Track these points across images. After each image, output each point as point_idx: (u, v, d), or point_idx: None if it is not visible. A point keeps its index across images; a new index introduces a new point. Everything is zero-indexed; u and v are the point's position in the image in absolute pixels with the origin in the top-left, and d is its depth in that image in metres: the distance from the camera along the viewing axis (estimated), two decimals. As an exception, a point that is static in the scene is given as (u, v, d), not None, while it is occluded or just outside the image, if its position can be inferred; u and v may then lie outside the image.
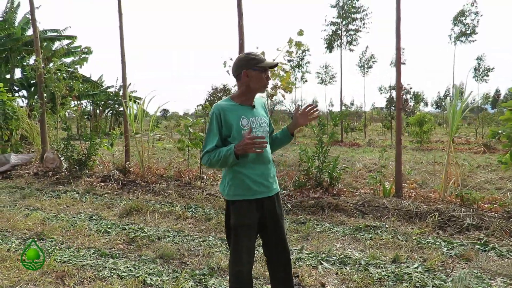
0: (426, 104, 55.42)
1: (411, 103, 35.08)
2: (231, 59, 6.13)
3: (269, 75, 2.27)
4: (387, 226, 4.51)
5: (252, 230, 2.20)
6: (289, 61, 27.72)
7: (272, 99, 6.84)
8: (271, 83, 6.71)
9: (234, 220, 2.19)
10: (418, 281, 3.06)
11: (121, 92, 28.86)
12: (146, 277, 3.11)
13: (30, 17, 15.69)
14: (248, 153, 2.14)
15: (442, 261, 3.51)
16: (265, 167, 2.22)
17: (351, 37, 23.96)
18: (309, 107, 2.28)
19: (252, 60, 2.14)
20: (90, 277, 3.13)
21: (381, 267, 3.36)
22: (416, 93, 36.00)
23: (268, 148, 2.29)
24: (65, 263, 3.43)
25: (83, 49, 16.73)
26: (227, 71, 6.18)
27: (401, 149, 5.36)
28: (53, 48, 17.50)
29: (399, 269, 3.31)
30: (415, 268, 3.34)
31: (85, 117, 30.68)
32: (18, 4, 16.60)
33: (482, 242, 3.94)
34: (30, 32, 17.16)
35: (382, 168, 5.89)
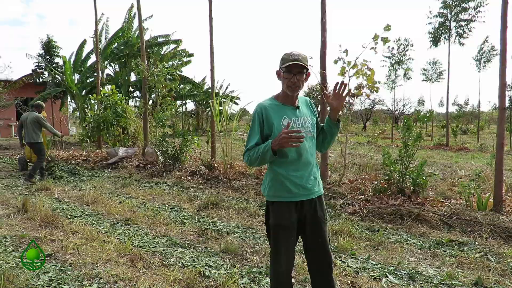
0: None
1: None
2: (311, 57, 6.02)
3: (297, 78, 2.08)
4: (476, 243, 3.94)
5: (291, 232, 2.16)
6: (388, 57, 26.14)
7: (353, 100, 6.52)
8: (355, 82, 6.39)
9: (273, 220, 2.17)
10: (500, 311, 2.62)
11: (221, 92, 30.76)
12: (206, 269, 3.26)
13: (143, 26, 17.65)
14: (288, 155, 2.12)
15: (541, 292, 2.93)
16: (306, 169, 2.16)
17: (461, 28, 21.40)
18: (337, 86, 2.14)
19: (281, 61, 2.13)
20: (157, 262, 3.40)
21: (457, 289, 2.96)
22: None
23: (312, 150, 2.21)
24: (140, 247, 3.80)
25: (187, 53, 18.24)
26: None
27: (503, 155, 4.61)
28: (162, 53, 19.46)
29: (480, 294, 2.87)
30: (501, 295, 2.86)
31: (190, 115, 33.55)
32: (135, 14, 18.84)
33: None
34: (145, 38, 19.39)
35: (477, 177, 5.14)
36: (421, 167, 5.20)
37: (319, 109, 8.24)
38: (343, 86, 2.14)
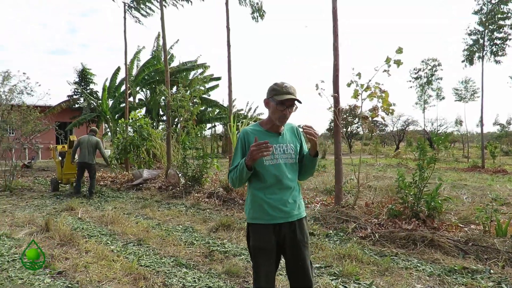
0: None
1: None
2: (322, 81, 6.09)
3: (289, 110, 2.16)
4: (491, 271, 3.74)
5: (270, 254, 2.19)
6: (416, 78, 25.65)
7: (367, 122, 6.46)
8: (370, 104, 6.36)
9: (253, 242, 2.23)
10: None
11: (249, 115, 31.19)
12: (205, 290, 3.31)
13: (172, 52, 18.45)
14: (266, 179, 2.17)
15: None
16: (284, 193, 2.19)
17: (496, 47, 20.75)
18: (305, 129, 2.11)
19: (272, 91, 2.19)
20: (159, 282, 3.48)
21: (461, 319, 2.82)
22: None
23: (292, 176, 2.24)
24: (146, 267, 3.90)
25: (208, 77, 18.80)
26: (319, 93, 6.14)
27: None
28: (190, 77, 20.21)
29: (485, 325, 2.72)
30: (508, 327, 2.70)
31: (219, 138, 34.16)
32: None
33: None
34: (173, 64, 20.24)
35: (494, 201, 4.89)
36: (436, 191, 5.04)
37: (324, 131, 8.11)
38: (307, 129, 2.10)
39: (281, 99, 2.12)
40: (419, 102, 28.73)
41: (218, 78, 20.74)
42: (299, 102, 2.17)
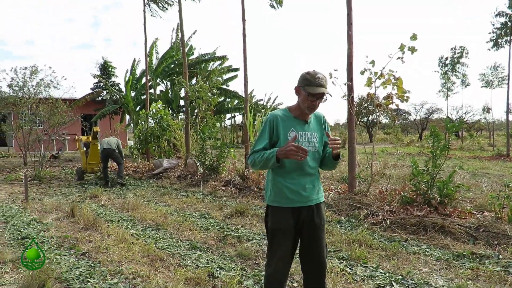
0: None
1: None
2: (336, 70, 6.11)
3: (318, 101, 2.20)
4: (500, 256, 3.76)
5: (288, 236, 2.26)
6: (444, 65, 24.91)
7: (380, 109, 6.45)
8: (384, 91, 6.35)
9: (271, 224, 2.30)
10: (501, 324, 2.54)
11: (269, 105, 31.22)
12: (216, 270, 3.49)
13: (191, 44, 18.64)
14: (287, 165, 2.23)
15: (558, 308, 2.78)
16: (304, 179, 2.26)
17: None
18: (331, 141, 2.16)
19: (304, 80, 2.19)
20: (174, 263, 3.70)
21: (463, 301, 2.89)
22: None
23: (313, 164, 2.30)
24: (163, 249, 4.13)
25: (225, 68, 18.92)
26: (332, 82, 6.17)
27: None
28: (209, 68, 20.39)
29: (486, 306, 2.78)
30: (510, 309, 2.76)
31: (238, 128, 34.44)
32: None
33: None
34: (192, 56, 20.48)
35: (507, 187, 4.84)
36: (449, 178, 5.03)
37: (345, 120, 8.05)
38: (334, 142, 2.15)
39: (313, 92, 2.14)
40: (442, 90, 28.01)
41: (237, 69, 20.84)
42: (330, 95, 2.19)
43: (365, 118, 37.04)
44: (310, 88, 2.15)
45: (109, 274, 3.43)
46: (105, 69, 22.07)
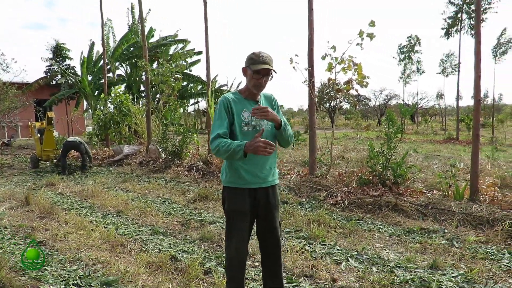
0: None
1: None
2: (296, 55, 6.19)
3: (264, 79, 2.25)
4: (446, 230, 4.07)
5: (244, 217, 2.30)
6: (402, 53, 25.87)
7: (340, 95, 6.64)
8: (344, 77, 6.53)
9: (227, 205, 2.34)
10: (443, 291, 2.77)
11: (232, 90, 31.01)
12: (179, 254, 3.52)
13: (150, 26, 18.03)
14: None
15: (493, 274, 3.06)
16: (261, 159, 2.28)
17: (473, 20, 20.97)
18: (253, 113, 2.18)
19: (249, 60, 2.25)
20: (136, 248, 3.68)
21: (411, 271, 3.12)
22: None
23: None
24: (125, 235, 4.09)
25: (191, 52, 18.57)
26: (293, 67, 6.25)
27: (478, 147, 4.70)
28: (170, 52, 19.88)
29: (431, 275, 3.02)
30: (452, 277, 3.00)
31: (202, 113, 34.09)
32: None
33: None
34: (152, 39, 19.85)
35: (452, 167, 5.21)
36: (402, 159, 5.32)
37: (307, 106, 8.20)
38: (256, 111, 2.15)
39: (257, 69, 2.19)
40: (402, 76, 29.13)
41: (200, 53, 20.48)
42: (275, 72, 2.25)
43: (328, 104, 37.81)
44: (254, 66, 2.21)
45: (68, 261, 3.35)
46: (59, 52, 20.88)
